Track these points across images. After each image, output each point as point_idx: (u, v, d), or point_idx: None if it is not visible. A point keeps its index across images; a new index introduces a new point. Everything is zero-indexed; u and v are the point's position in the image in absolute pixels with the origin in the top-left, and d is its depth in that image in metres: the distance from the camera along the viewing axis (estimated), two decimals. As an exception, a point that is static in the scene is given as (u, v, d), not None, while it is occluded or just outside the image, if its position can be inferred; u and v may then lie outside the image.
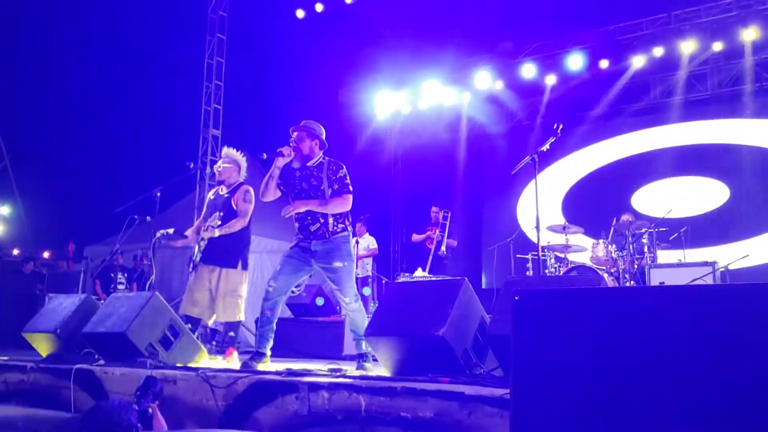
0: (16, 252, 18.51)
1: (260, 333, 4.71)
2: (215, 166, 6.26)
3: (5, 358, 5.23)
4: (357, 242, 9.90)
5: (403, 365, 3.75)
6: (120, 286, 9.68)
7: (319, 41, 14.02)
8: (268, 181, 4.81)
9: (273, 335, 4.71)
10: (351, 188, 4.88)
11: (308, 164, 4.85)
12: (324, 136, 4.97)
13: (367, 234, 10.03)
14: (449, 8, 13.93)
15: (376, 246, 10.13)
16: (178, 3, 13.03)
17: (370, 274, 9.99)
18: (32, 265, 12.58)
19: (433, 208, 9.97)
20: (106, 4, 14.07)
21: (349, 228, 4.91)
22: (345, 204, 4.82)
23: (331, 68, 15.01)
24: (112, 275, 9.85)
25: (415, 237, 10.06)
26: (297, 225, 4.85)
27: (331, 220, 4.76)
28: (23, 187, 17.17)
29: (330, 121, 15.59)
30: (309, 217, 4.78)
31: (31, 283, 10.37)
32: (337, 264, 4.71)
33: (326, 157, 4.91)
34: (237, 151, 6.32)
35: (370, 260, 10.02)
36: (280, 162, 4.76)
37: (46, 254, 18.47)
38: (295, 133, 4.89)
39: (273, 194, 4.87)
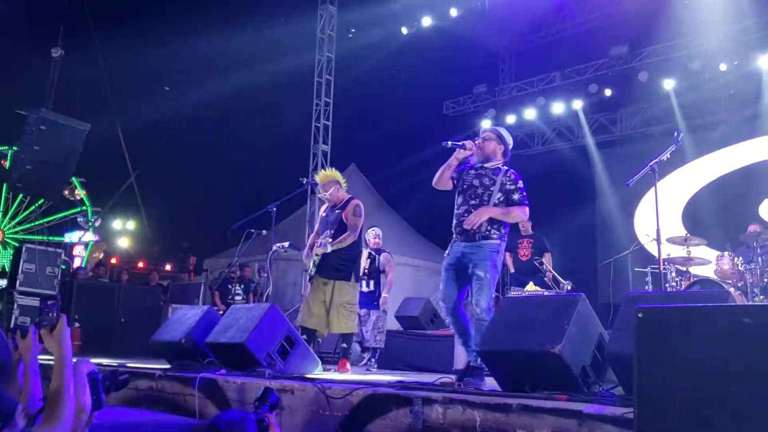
0: (141, 264, 19.64)
1: (463, 347, 4.72)
2: (320, 196, 6.42)
3: (136, 365, 5.54)
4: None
5: (517, 381, 3.68)
6: (237, 298, 10.04)
7: (424, 55, 14.11)
8: (444, 170, 4.84)
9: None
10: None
11: (486, 165, 4.83)
12: (510, 147, 4.96)
13: None
14: (558, 16, 13.68)
15: None
16: (290, 25, 13.49)
17: None
18: (157, 277, 13.29)
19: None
20: (220, 29, 14.76)
21: (504, 239, 4.77)
22: (524, 215, 4.80)
23: (436, 81, 15.07)
24: (230, 287, 10.23)
25: (508, 259, 9.68)
26: (454, 222, 4.83)
27: (484, 223, 4.65)
28: (148, 204, 18.21)
29: (435, 133, 15.71)
30: (466, 214, 4.71)
31: (156, 294, 10.94)
32: (480, 272, 4.59)
33: (505, 166, 4.87)
34: (328, 170, 6.48)
35: None
36: (461, 154, 4.78)
37: (168, 266, 19.46)
38: (487, 133, 4.91)
39: (445, 184, 4.89)
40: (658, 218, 5.10)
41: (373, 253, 7.59)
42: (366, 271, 7.47)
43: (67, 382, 2.24)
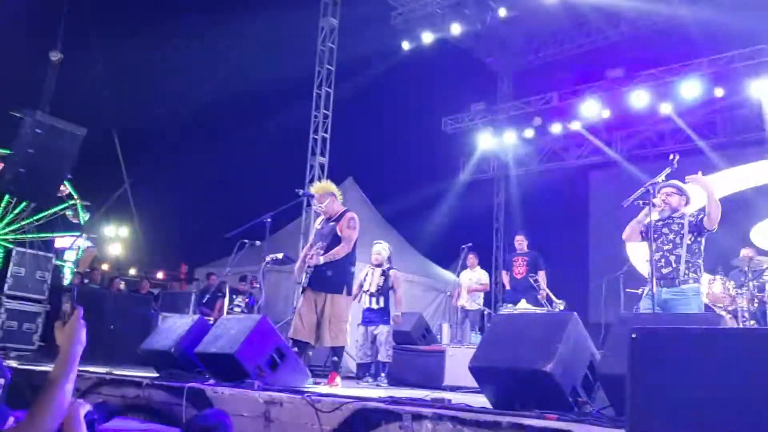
0: (132, 271, 19.56)
1: None
2: (315, 208, 6.42)
3: (123, 373, 5.49)
4: (458, 273, 9.84)
5: (507, 398, 3.66)
6: (236, 309, 9.99)
7: (423, 71, 14.18)
8: (634, 226, 5.23)
9: None
10: None
11: (673, 215, 5.17)
12: (691, 197, 5.29)
13: (479, 267, 9.91)
14: (557, 37, 13.78)
15: (487, 281, 9.96)
16: (290, 36, 13.55)
17: (481, 307, 9.82)
18: (148, 285, 13.22)
19: (518, 237, 9.70)
20: (218, 37, 14.81)
21: (701, 280, 5.07)
22: (718, 206, 4.96)
23: (435, 96, 15.14)
24: (234, 297, 10.19)
25: (505, 277, 9.81)
26: (651, 269, 5.02)
27: (682, 266, 4.92)
28: (141, 211, 18.13)
29: (433, 149, 15.77)
30: (662, 260, 5.02)
31: (147, 302, 10.86)
32: None
33: (687, 213, 5.18)
34: (323, 181, 6.48)
35: (481, 294, 9.88)
36: (653, 212, 5.09)
37: (160, 275, 19.39)
38: (667, 189, 5.24)
39: (636, 238, 5.27)
40: (652, 240, 5.11)
41: (385, 270, 7.58)
42: (379, 288, 7.46)
43: (63, 380, 2.10)
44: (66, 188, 13.74)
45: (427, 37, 13.44)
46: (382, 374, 7.39)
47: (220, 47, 14.59)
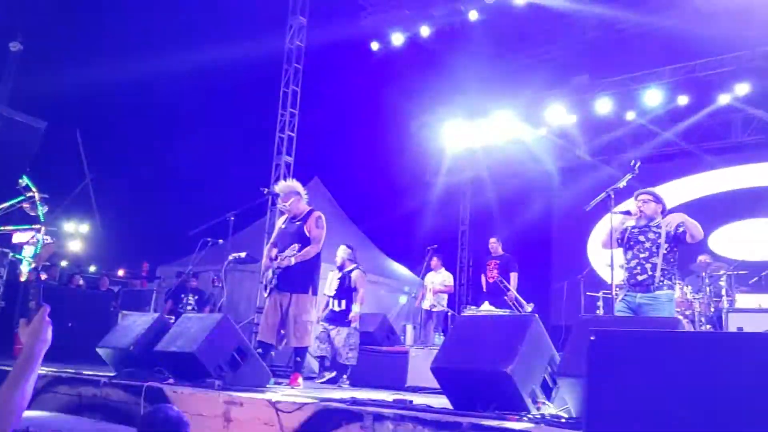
0: (92, 268, 19.17)
1: None
2: (280, 207, 6.37)
3: (80, 371, 5.39)
4: (423, 276, 9.88)
5: (468, 399, 3.68)
6: (188, 308, 9.81)
7: (392, 72, 14.18)
8: (611, 233, 5.25)
9: None
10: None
11: (650, 224, 5.18)
12: (667, 204, 5.34)
13: (443, 269, 9.96)
14: (524, 41, 13.91)
15: (452, 283, 10.01)
16: (256, 33, 13.43)
17: (446, 309, 9.85)
18: (107, 282, 12.98)
19: (491, 240, 9.76)
20: (185, 32, 14.65)
21: (676, 287, 5.18)
22: (698, 226, 5.02)
23: (404, 99, 15.15)
24: (183, 296, 10.00)
25: (483, 280, 9.88)
26: (626, 275, 5.12)
27: (658, 273, 4.94)
28: (102, 206, 17.79)
29: (401, 150, 15.78)
30: (638, 268, 5.04)
31: (106, 299, 10.68)
32: None
33: (665, 220, 5.21)
34: (289, 180, 6.44)
35: (445, 296, 9.92)
36: (627, 221, 5.21)
37: (120, 272, 19.02)
38: (643, 196, 5.28)
39: (612, 244, 5.28)
40: (612, 244, 5.21)
41: (345, 273, 7.53)
42: (336, 290, 7.41)
43: (23, 380, 2.01)
44: (23, 181, 13.40)
45: (397, 39, 13.44)
46: (344, 376, 7.37)
47: (187, 42, 14.40)
